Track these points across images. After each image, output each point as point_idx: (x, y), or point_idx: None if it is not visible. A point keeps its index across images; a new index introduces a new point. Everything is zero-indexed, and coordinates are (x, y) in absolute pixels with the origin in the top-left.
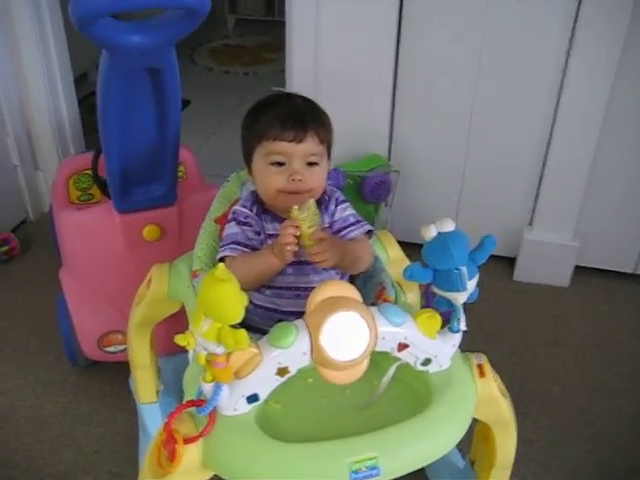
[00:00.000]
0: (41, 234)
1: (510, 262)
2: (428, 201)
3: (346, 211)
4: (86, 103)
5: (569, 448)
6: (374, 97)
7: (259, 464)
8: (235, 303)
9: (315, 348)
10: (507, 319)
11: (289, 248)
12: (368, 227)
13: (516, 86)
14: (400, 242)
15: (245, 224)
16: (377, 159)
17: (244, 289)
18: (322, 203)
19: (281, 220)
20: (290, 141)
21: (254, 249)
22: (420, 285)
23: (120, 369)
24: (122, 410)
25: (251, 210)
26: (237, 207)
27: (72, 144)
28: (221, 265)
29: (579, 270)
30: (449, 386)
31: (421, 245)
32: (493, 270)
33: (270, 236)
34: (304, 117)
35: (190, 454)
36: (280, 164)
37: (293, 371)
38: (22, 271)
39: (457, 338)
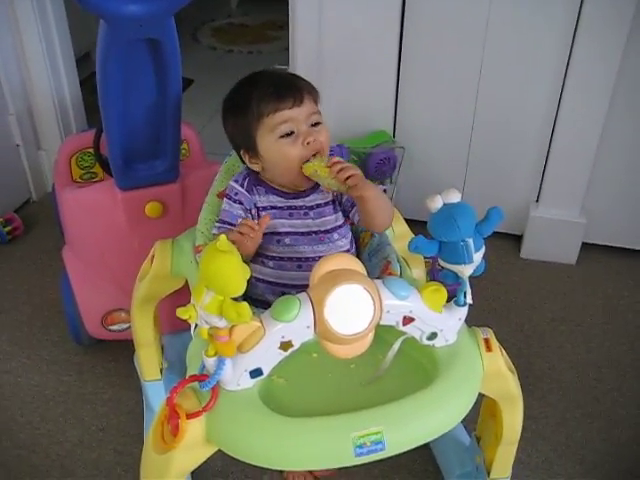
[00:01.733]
0: (44, 214)
1: (517, 239)
2: (433, 178)
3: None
4: (88, 84)
5: (576, 425)
6: (379, 73)
7: (262, 438)
8: (237, 275)
9: (319, 321)
10: (514, 296)
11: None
12: (381, 187)
13: (522, 62)
14: (405, 219)
15: (235, 201)
16: (382, 135)
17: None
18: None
19: (276, 192)
20: (291, 107)
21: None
22: (426, 261)
23: (124, 348)
24: (127, 389)
25: (242, 185)
26: (231, 182)
27: (74, 123)
28: (222, 237)
29: (586, 247)
30: (455, 360)
31: (426, 222)
32: (499, 247)
33: (263, 209)
34: (293, 82)
35: (193, 429)
36: (289, 134)
37: (297, 345)
38: (25, 251)
39: (463, 312)
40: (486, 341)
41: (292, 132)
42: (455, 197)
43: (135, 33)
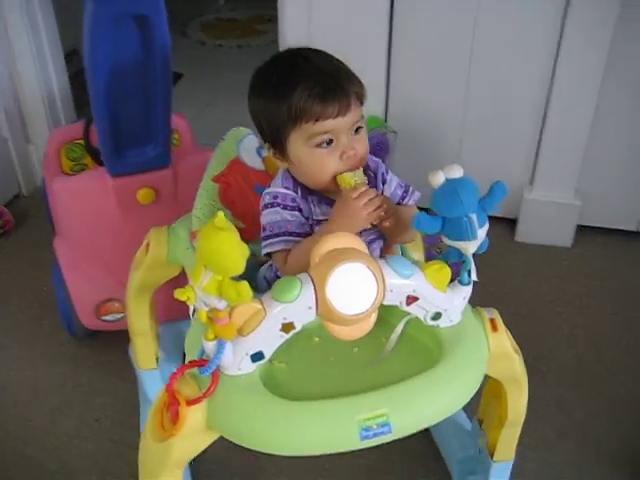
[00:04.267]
0: (35, 208)
1: (511, 223)
2: (426, 162)
3: (392, 184)
4: (77, 79)
5: (576, 405)
6: (369, 59)
7: (265, 423)
8: (236, 252)
9: (321, 302)
10: (510, 280)
11: (381, 214)
12: (417, 194)
13: (513, 45)
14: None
15: (293, 208)
16: (374, 120)
17: None
18: (370, 182)
19: (329, 202)
20: (335, 117)
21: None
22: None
23: (119, 338)
24: (122, 379)
25: (296, 192)
26: (276, 189)
27: (63, 117)
28: (220, 213)
29: (582, 229)
30: (460, 341)
31: (420, 208)
32: (494, 231)
33: (318, 222)
34: (341, 83)
35: (194, 416)
36: (327, 143)
37: (298, 327)
38: (17, 245)
39: (467, 291)
40: (491, 321)
41: (331, 141)
42: (458, 172)
43: (121, 7)
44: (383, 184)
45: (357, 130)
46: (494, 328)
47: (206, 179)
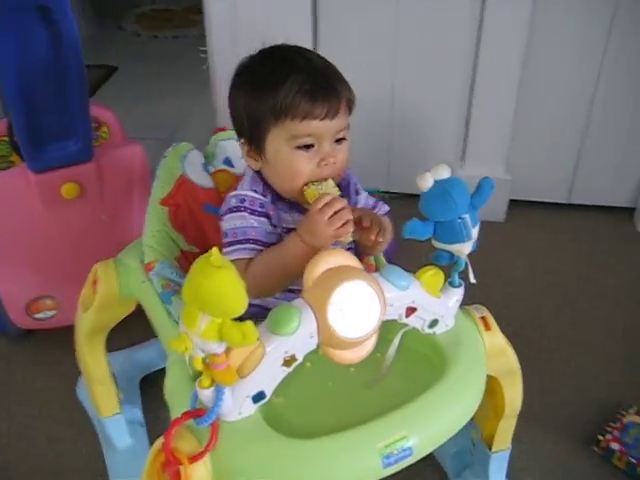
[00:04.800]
0: None
1: None
2: (359, 144)
3: (362, 193)
4: None
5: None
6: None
7: (282, 469)
8: (239, 291)
9: (322, 328)
10: None
11: (350, 231)
12: (386, 206)
13: (437, 24)
14: None
15: (261, 214)
16: None
17: (266, 295)
18: (343, 190)
19: (301, 209)
20: (322, 119)
21: (270, 246)
22: None
23: (52, 336)
24: (56, 376)
25: (265, 196)
26: (244, 192)
27: None
28: (215, 250)
29: (514, 204)
30: (460, 346)
31: None
32: None
33: (288, 230)
34: (333, 83)
35: (198, 473)
36: (308, 147)
37: (300, 358)
38: None
39: (460, 293)
40: (483, 320)
41: (312, 145)
42: (446, 172)
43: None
44: (357, 194)
45: (339, 141)
46: (487, 327)
47: (152, 203)
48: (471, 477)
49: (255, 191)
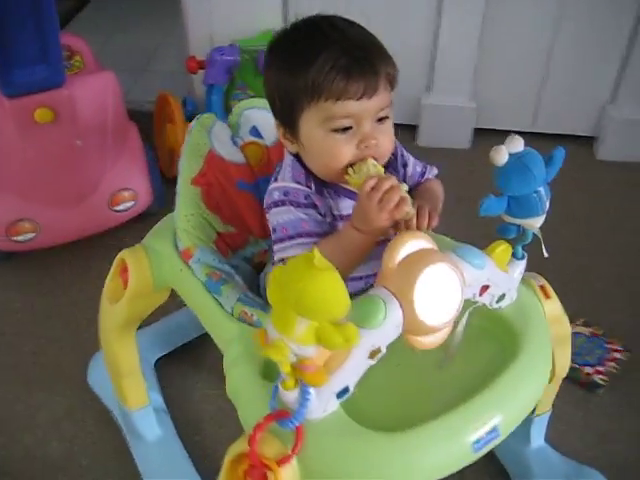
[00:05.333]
0: None
1: (412, 129)
2: None
3: (410, 163)
4: None
5: None
6: None
7: (375, 465)
8: (343, 294)
9: (408, 316)
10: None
11: (407, 209)
12: (435, 169)
13: None
14: None
15: (307, 206)
16: (271, 34)
17: None
18: (390, 165)
19: (349, 193)
20: (359, 98)
21: (324, 236)
22: None
23: (33, 257)
24: (39, 295)
25: (308, 186)
26: (287, 185)
27: None
28: (316, 251)
29: (479, 132)
30: (527, 319)
31: None
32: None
33: (342, 217)
34: (372, 58)
35: (287, 477)
36: (346, 129)
37: (384, 349)
38: None
39: (523, 265)
40: (542, 288)
41: (350, 127)
42: (520, 145)
43: None
44: (404, 167)
45: (381, 120)
46: (546, 295)
47: (183, 183)
48: (512, 441)
49: (298, 182)
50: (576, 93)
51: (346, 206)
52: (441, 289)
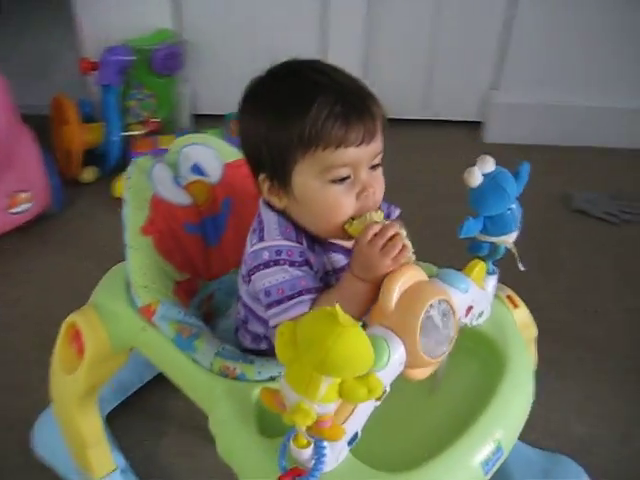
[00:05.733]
0: None
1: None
2: (224, 71)
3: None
4: None
5: None
6: None
7: None
8: (369, 347)
9: (410, 353)
10: None
11: (409, 255)
12: (397, 210)
13: None
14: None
15: (302, 264)
16: (164, 33)
17: None
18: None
19: (340, 250)
20: (359, 144)
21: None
22: None
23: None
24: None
25: (300, 243)
26: (278, 243)
27: None
28: (338, 307)
29: None
30: (504, 332)
31: (222, 115)
32: None
33: (337, 271)
34: (367, 102)
35: None
36: (343, 179)
37: (388, 388)
38: None
39: (495, 280)
40: (509, 298)
41: (348, 177)
42: (492, 164)
43: None
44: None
45: (374, 167)
46: (514, 304)
47: (131, 235)
48: None
49: (289, 239)
50: (462, 80)
51: (336, 261)
52: (440, 323)
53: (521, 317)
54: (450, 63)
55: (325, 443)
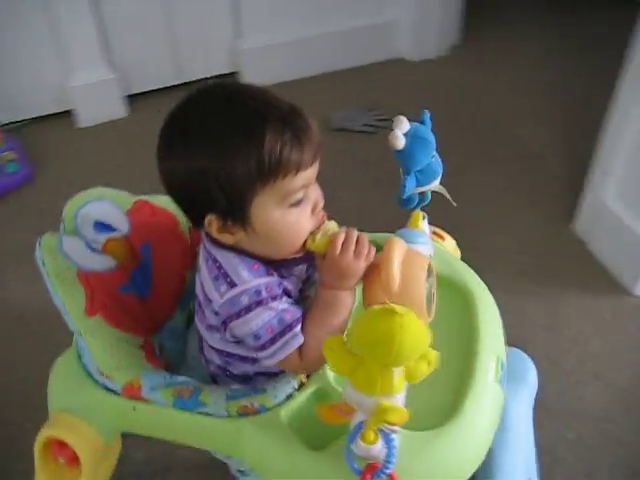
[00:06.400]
0: None
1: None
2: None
3: None
4: None
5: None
6: None
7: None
8: (426, 327)
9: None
10: None
11: (371, 255)
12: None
13: None
14: None
15: (282, 295)
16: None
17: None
18: None
19: (296, 261)
20: (311, 164)
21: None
22: None
23: None
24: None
25: (271, 274)
26: (254, 283)
27: None
28: (390, 305)
29: (133, 99)
30: (453, 265)
31: None
32: None
33: (304, 282)
34: (307, 120)
35: None
36: (300, 200)
37: None
38: None
39: (426, 223)
40: (435, 234)
41: (302, 198)
42: (406, 123)
43: None
44: None
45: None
46: (441, 237)
47: (77, 321)
48: None
49: (261, 275)
50: (205, 37)
51: (301, 272)
52: (427, 282)
53: (450, 245)
54: (190, 24)
55: (393, 435)
